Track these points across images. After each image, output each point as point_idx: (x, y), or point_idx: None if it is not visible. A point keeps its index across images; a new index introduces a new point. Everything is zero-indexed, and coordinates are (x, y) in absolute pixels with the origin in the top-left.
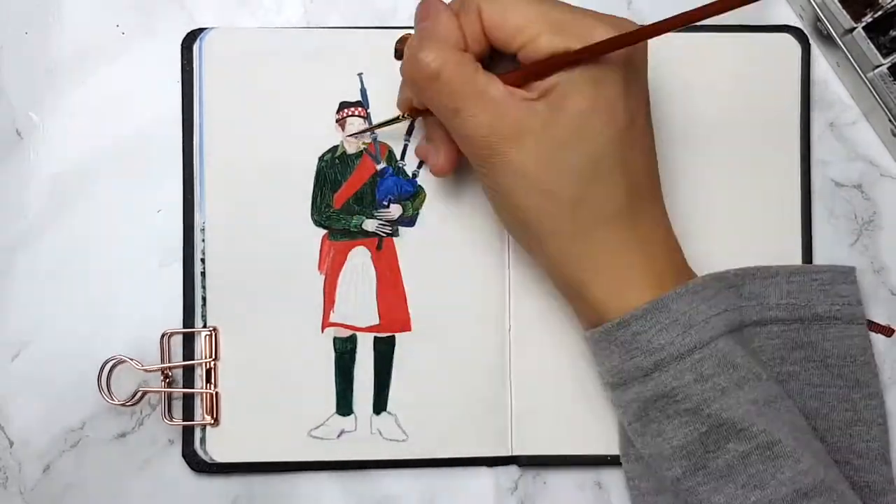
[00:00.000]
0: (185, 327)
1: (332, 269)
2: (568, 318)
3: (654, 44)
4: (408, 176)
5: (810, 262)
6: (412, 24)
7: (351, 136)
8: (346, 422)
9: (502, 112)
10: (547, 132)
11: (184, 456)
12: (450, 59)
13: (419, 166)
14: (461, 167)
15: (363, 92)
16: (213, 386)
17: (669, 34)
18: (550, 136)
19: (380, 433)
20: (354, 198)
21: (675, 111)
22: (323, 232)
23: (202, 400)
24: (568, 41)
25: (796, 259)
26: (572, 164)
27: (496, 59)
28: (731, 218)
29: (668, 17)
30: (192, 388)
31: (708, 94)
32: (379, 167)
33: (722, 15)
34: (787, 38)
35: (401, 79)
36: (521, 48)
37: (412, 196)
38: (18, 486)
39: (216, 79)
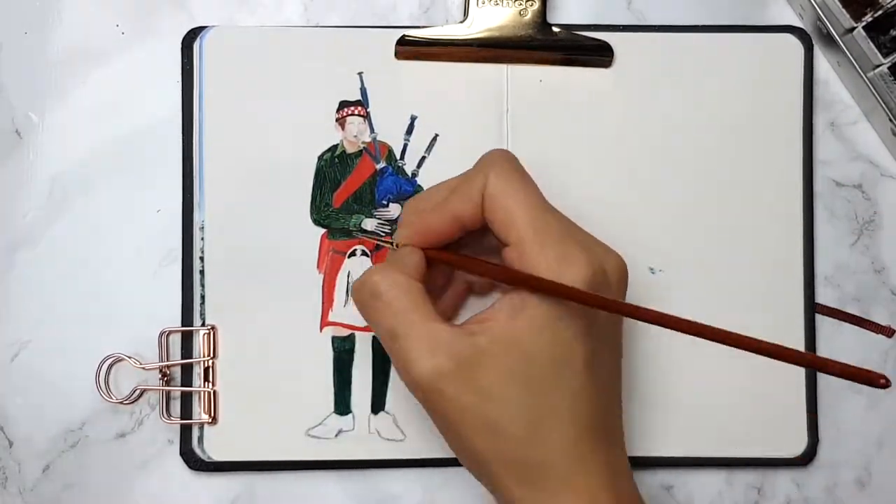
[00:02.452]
0: (183, 326)
1: (331, 269)
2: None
3: (655, 44)
4: (407, 175)
5: (811, 262)
6: (412, 24)
7: (366, 234)
8: (344, 421)
9: (443, 345)
10: (493, 364)
11: (181, 454)
12: (397, 281)
13: (419, 166)
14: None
15: (363, 91)
16: (211, 384)
17: (671, 34)
18: (497, 370)
19: (378, 433)
20: (354, 197)
21: (676, 111)
22: (322, 231)
23: (200, 398)
24: (546, 256)
25: (797, 259)
26: (520, 398)
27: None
28: (731, 218)
29: (657, 312)
30: (191, 386)
31: (709, 95)
32: (378, 166)
33: (722, 15)
34: (790, 39)
35: (401, 82)
36: (505, 243)
37: (411, 196)
38: (18, 486)
39: (216, 78)
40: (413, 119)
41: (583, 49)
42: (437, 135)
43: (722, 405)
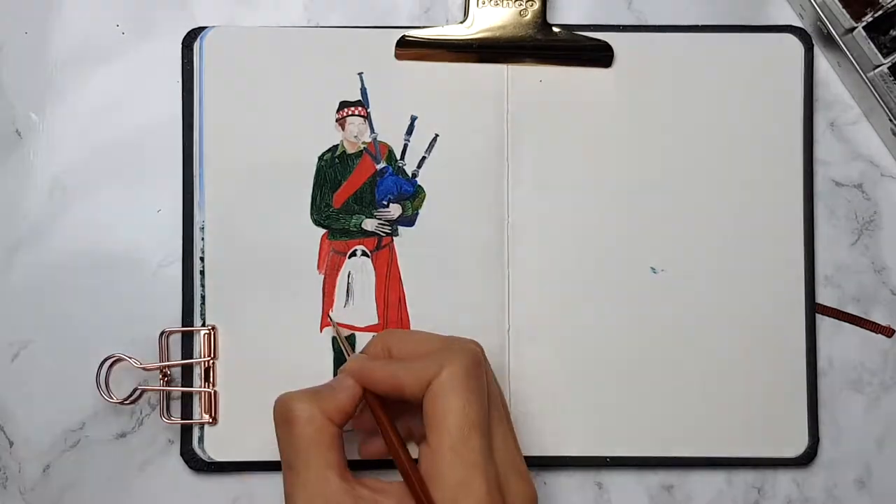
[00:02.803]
0: (183, 326)
1: (331, 269)
2: (567, 320)
3: (654, 44)
4: (407, 176)
5: (812, 262)
6: (412, 24)
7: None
8: None
9: (328, 495)
10: None
11: (182, 455)
12: (314, 419)
13: (419, 166)
14: (464, 165)
15: (363, 91)
16: (211, 385)
17: (671, 34)
18: None
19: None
20: (354, 197)
21: (676, 111)
22: (322, 231)
23: (201, 399)
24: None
25: (797, 259)
26: None
27: None
28: (731, 217)
29: None
30: (191, 386)
31: (709, 95)
32: (379, 167)
33: (722, 15)
34: (790, 39)
35: (401, 82)
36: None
37: (412, 196)
38: (18, 486)
39: (216, 78)
40: (413, 119)
41: (583, 49)
42: (437, 135)
43: (722, 405)
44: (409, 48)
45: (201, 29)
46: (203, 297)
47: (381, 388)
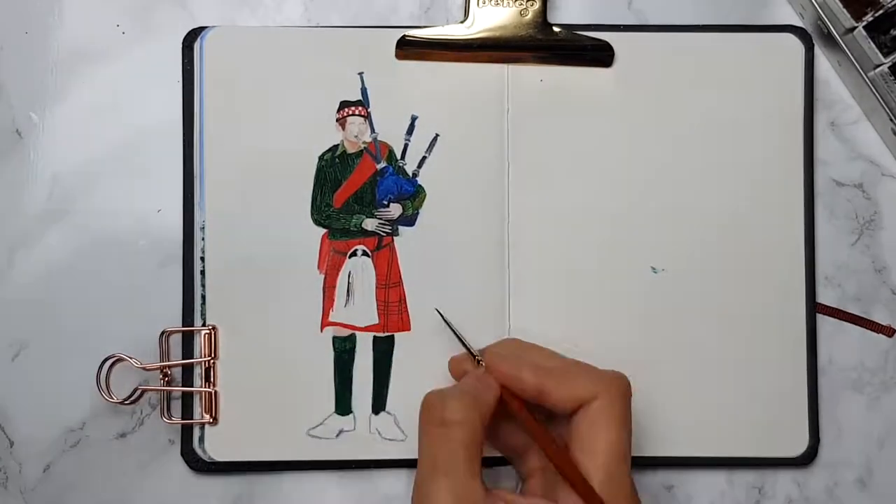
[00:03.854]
0: (184, 326)
1: (331, 269)
2: (567, 320)
3: (655, 44)
4: (408, 175)
5: (812, 261)
6: (412, 24)
7: None
8: (344, 421)
9: (468, 498)
10: None
11: (182, 455)
12: (471, 423)
13: (419, 166)
14: (464, 165)
15: (364, 91)
16: (211, 385)
17: (671, 34)
18: None
19: (378, 433)
20: (354, 197)
21: (676, 111)
22: (323, 231)
23: (201, 399)
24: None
25: (797, 258)
26: None
27: None
28: (732, 217)
29: None
30: (191, 386)
31: (709, 94)
32: (379, 166)
33: (722, 15)
34: (790, 38)
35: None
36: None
37: (412, 195)
38: (18, 486)
39: (216, 78)
40: (413, 119)
41: (583, 49)
42: (437, 135)
43: (723, 405)
44: (410, 48)
45: (201, 29)
46: (203, 297)
47: (527, 391)
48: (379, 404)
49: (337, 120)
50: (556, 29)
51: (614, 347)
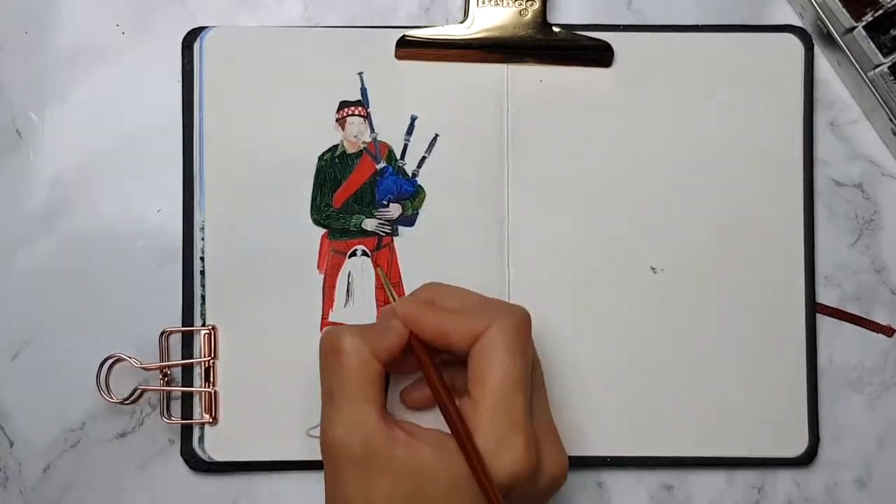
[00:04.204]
0: (184, 326)
1: (331, 269)
2: (567, 319)
3: (655, 44)
4: (407, 175)
5: (812, 262)
6: (412, 24)
7: None
8: None
9: (367, 427)
10: (391, 480)
11: (182, 455)
12: (362, 354)
13: (419, 166)
14: (464, 164)
15: (363, 91)
16: (211, 385)
17: (671, 34)
18: (394, 487)
19: None
20: (354, 197)
21: (676, 111)
22: (322, 231)
23: (201, 399)
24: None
25: (797, 258)
26: None
27: None
28: (731, 217)
29: None
30: (191, 386)
31: (709, 95)
32: (379, 166)
33: (722, 15)
34: (790, 39)
35: (401, 82)
36: (469, 392)
37: (412, 195)
38: (18, 486)
39: (216, 78)
40: (413, 119)
41: (583, 49)
42: (437, 135)
43: (722, 405)
44: (409, 48)
45: (201, 29)
46: (203, 297)
47: (428, 334)
48: None
49: (336, 120)
50: (555, 29)
51: (614, 347)
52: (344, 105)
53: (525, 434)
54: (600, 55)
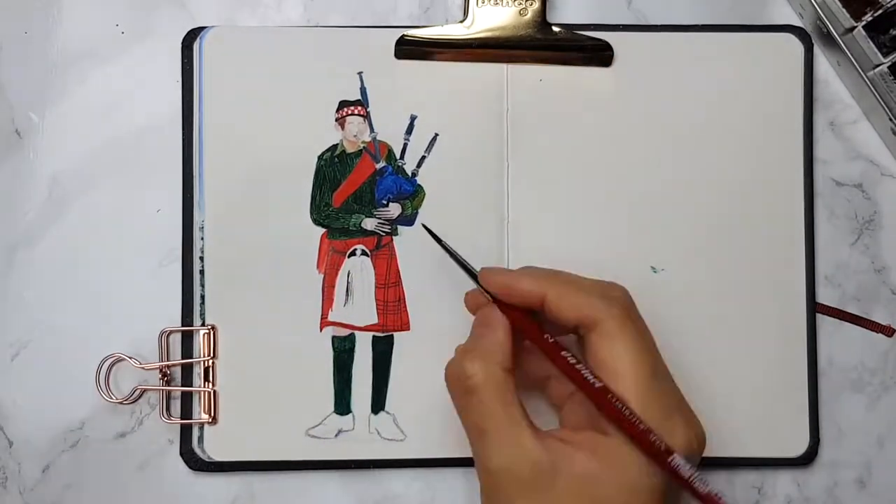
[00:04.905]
0: (183, 325)
1: (330, 268)
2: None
3: (655, 44)
4: (407, 175)
5: (812, 262)
6: (412, 24)
7: None
8: (344, 421)
9: (526, 454)
10: (566, 496)
11: (182, 454)
12: (493, 378)
13: (419, 165)
14: (464, 164)
15: (363, 91)
16: (211, 384)
17: (671, 34)
18: (568, 499)
19: (378, 433)
20: (354, 196)
21: (676, 111)
22: (322, 231)
23: (200, 398)
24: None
25: (797, 258)
26: None
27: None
28: (732, 217)
29: None
30: (191, 386)
31: (709, 94)
32: (378, 166)
33: (722, 15)
34: (790, 38)
35: (401, 82)
36: (604, 377)
37: (411, 195)
38: (18, 486)
39: (216, 78)
40: (413, 119)
41: (583, 49)
42: (437, 134)
43: (722, 405)
44: (409, 48)
45: (201, 29)
46: (203, 297)
47: (527, 299)
48: (378, 404)
49: (336, 119)
50: (555, 29)
51: None
52: (344, 105)
53: (682, 414)
54: (600, 55)
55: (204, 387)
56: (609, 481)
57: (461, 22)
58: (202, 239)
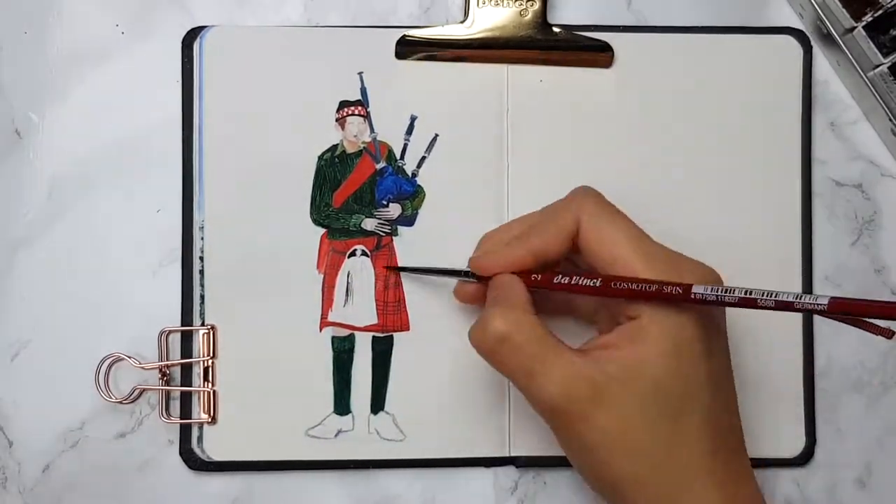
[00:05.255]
0: (183, 325)
1: (330, 269)
2: (565, 319)
3: (655, 44)
4: (407, 175)
5: (811, 261)
6: (412, 24)
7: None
8: (343, 421)
9: (578, 372)
10: (627, 390)
11: (181, 454)
12: (519, 321)
13: (419, 166)
14: (464, 164)
15: (363, 91)
16: (210, 384)
17: (671, 34)
18: (631, 394)
19: (377, 433)
20: (354, 197)
21: (676, 112)
22: (322, 231)
23: (200, 398)
24: (660, 277)
25: (797, 259)
26: (655, 422)
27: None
28: (731, 217)
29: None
30: (190, 386)
31: (709, 95)
32: (378, 166)
33: (722, 16)
34: (789, 40)
35: (401, 82)
36: (610, 270)
37: (411, 195)
38: (18, 486)
39: (216, 77)
40: (413, 119)
41: (583, 49)
42: (437, 135)
43: None
44: (409, 48)
45: (201, 29)
46: (202, 297)
47: (520, 262)
48: (378, 404)
49: (336, 120)
50: (555, 29)
51: None
52: (344, 105)
53: (684, 259)
54: (600, 55)
55: (203, 387)
56: (656, 355)
57: (461, 22)
58: (202, 239)
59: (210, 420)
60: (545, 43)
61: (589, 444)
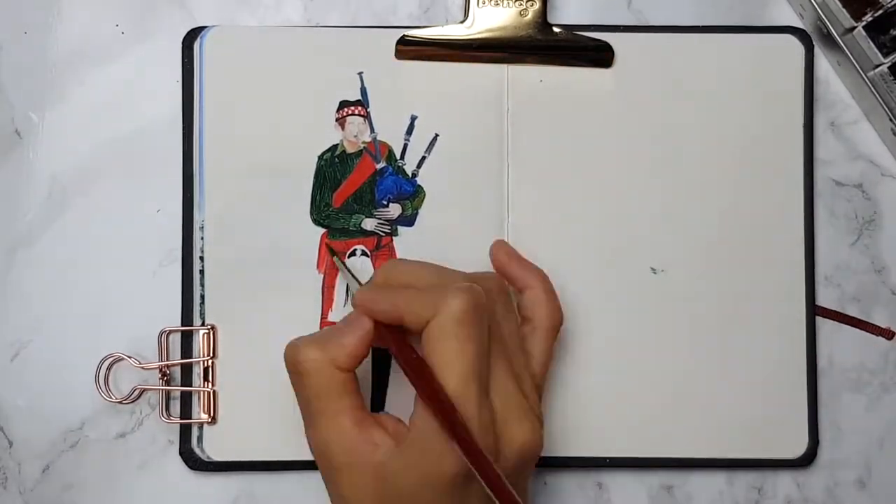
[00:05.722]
0: (183, 325)
1: (330, 269)
2: (567, 320)
3: (655, 44)
4: (407, 175)
5: (812, 262)
6: (412, 24)
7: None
8: None
9: (339, 438)
10: (374, 475)
11: (181, 454)
12: (323, 369)
13: (419, 166)
14: (464, 165)
15: (363, 91)
16: (210, 384)
17: (671, 34)
18: (366, 476)
19: None
20: (354, 197)
21: (676, 112)
22: (322, 231)
23: (200, 398)
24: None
25: (797, 259)
26: None
27: None
28: (731, 218)
29: None
30: (191, 386)
31: (709, 95)
32: (378, 166)
33: (722, 15)
34: (790, 39)
35: (401, 82)
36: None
37: (411, 195)
38: (18, 486)
39: (216, 78)
40: (413, 119)
41: (583, 49)
42: (437, 135)
43: (722, 405)
44: (409, 48)
45: (201, 29)
46: (203, 297)
47: (384, 319)
48: (377, 405)
49: (336, 120)
50: (555, 29)
51: (614, 348)
52: (344, 105)
53: (478, 421)
54: (600, 55)
55: (203, 387)
56: (404, 467)
57: (461, 22)
58: (202, 239)
59: (210, 420)
60: (545, 43)
61: (344, 495)
